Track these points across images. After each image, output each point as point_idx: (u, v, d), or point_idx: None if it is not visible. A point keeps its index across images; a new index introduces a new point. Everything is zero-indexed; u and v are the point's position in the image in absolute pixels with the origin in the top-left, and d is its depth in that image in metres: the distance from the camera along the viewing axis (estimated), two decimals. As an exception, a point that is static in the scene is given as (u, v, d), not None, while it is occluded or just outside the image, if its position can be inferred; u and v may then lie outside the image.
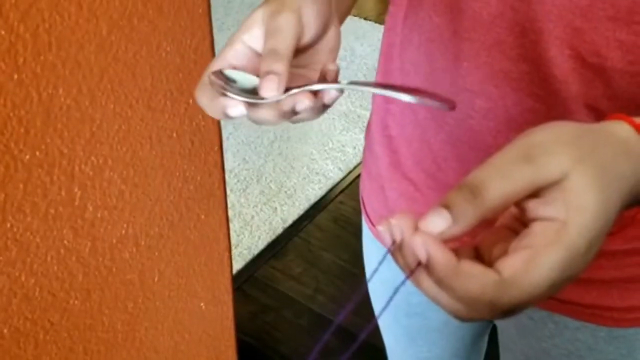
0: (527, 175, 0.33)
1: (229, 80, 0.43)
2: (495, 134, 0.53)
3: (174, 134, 0.72)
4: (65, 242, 0.65)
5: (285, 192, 2.01)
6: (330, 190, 2.03)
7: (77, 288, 0.68)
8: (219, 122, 0.78)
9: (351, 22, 2.82)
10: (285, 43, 0.42)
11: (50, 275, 0.65)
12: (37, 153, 0.59)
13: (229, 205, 1.67)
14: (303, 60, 0.46)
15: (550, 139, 0.34)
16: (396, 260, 0.35)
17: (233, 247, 1.81)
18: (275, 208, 1.95)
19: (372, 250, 0.76)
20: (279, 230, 1.88)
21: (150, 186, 0.72)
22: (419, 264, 0.33)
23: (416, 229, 0.33)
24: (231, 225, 1.84)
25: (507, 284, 0.33)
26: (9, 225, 0.59)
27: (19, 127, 0.56)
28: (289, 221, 1.91)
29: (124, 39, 0.62)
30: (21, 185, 0.58)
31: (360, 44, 2.67)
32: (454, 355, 0.80)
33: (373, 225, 0.72)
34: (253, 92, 0.42)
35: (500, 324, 0.73)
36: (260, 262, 1.79)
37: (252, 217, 1.92)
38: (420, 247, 0.33)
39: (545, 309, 0.62)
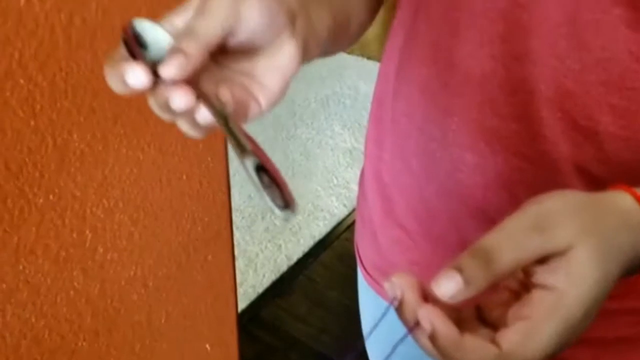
0: (537, 245, 0.35)
1: (141, 45, 0.37)
2: (484, 190, 0.53)
3: (184, 176, 0.73)
4: (75, 283, 0.66)
5: (290, 229, 2.01)
6: (335, 227, 2.03)
7: (85, 330, 0.68)
8: (227, 163, 0.79)
9: (355, 61, 2.86)
10: (208, 26, 0.36)
11: (59, 317, 0.65)
12: (51, 196, 0.60)
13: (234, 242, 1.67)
14: (239, 66, 0.39)
15: (559, 209, 0.37)
16: (398, 315, 0.37)
17: (238, 286, 1.80)
18: (280, 245, 1.95)
19: (366, 299, 0.75)
20: (284, 268, 1.88)
21: (159, 228, 0.73)
22: (418, 322, 0.35)
23: (417, 288, 0.36)
24: (236, 263, 1.84)
25: (506, 357, 0.35)
26: (21, 267, 0.60)
27: (34, 171, 0.57)
28: (294, 259, 1.91)
29: (137, 85, 0.63)
30: (34, 228, 0.59)
31: (364, 82, 2.71)
32: None
33: (367, 272, 0.71)
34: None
35: None
36: (265, 301, 1.79)
37: (257, 254, 1.92)
38: (426, 319, 0.35)
39: None
